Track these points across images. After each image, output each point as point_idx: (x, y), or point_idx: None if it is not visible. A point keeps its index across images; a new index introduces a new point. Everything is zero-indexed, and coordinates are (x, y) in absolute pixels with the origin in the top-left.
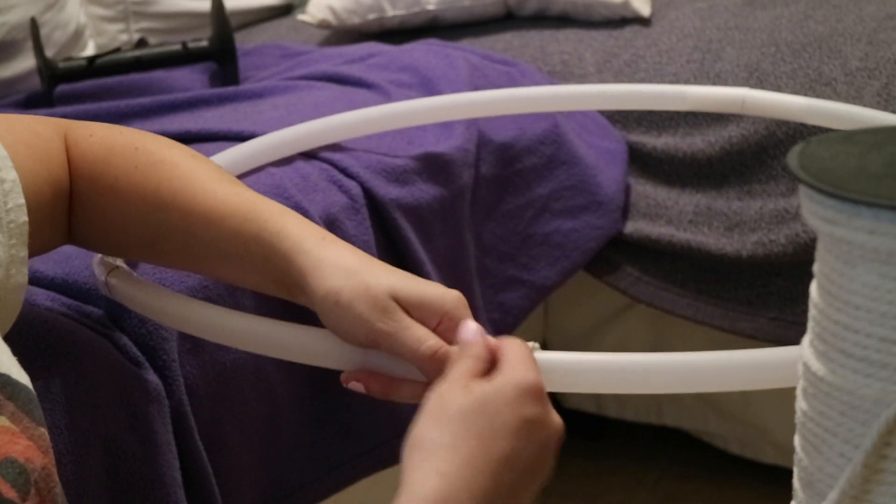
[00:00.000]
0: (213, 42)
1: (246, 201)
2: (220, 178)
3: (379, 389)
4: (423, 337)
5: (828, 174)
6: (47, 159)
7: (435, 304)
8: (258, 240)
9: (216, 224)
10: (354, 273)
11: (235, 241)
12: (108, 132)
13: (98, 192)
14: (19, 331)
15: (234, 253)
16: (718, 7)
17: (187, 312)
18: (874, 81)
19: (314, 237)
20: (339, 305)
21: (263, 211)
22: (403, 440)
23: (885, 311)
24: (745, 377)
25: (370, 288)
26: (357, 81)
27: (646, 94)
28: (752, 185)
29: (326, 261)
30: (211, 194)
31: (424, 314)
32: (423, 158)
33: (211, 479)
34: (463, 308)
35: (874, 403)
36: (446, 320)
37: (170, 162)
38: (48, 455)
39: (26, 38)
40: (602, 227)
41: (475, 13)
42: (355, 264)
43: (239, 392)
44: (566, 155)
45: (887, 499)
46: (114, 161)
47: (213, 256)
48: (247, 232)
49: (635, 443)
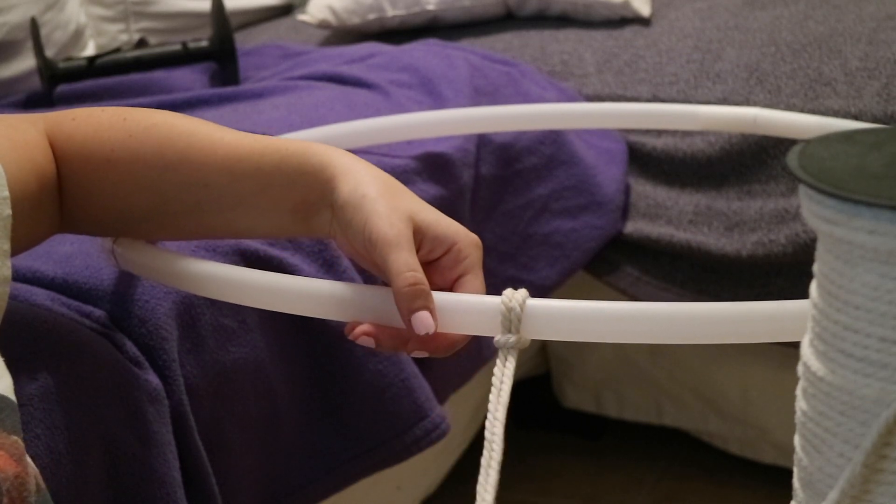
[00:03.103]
0: (213, 42)
1: (259, 139)
2: (220, 128)
3: (388, 342)
4: (411, 264)
5: (828, 174)
6: (29, 150)
7: (448, 234)
8: (281, 165)
9: (235, 167)
10: (384, 183)
11: (257, 176)
12: (91, 112)
13: (93, 168)
14: (19, 331)
15: (254, 190)
16: (718, 7)
17: (196, 272)
18: (874, 81)
19: (340, 152)
20: (364, 199)
21: (281, 141)
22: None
23: (885, 311)
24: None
25: (395, 198)
26: (357, 81)
27: (656, 113)
28: (752, 185)
29: (357, 168)
30: (220, 142)
31: (436, 241)
32: (423, 158)
33: (211, 479)
34: (473, 248)
35: (874, 403)
36: (455, 251)
37: (164, 123)
38: (21, 463)
39: (26, 38)
40: (602, 227)
41: (475, 13)
42: (385, 177)
43: (239, 392)
44: (566, 155)
45: (887, 499)
46: (104, 135)
47: (226, 204)
48: (268, 163)
49: (635, 443)
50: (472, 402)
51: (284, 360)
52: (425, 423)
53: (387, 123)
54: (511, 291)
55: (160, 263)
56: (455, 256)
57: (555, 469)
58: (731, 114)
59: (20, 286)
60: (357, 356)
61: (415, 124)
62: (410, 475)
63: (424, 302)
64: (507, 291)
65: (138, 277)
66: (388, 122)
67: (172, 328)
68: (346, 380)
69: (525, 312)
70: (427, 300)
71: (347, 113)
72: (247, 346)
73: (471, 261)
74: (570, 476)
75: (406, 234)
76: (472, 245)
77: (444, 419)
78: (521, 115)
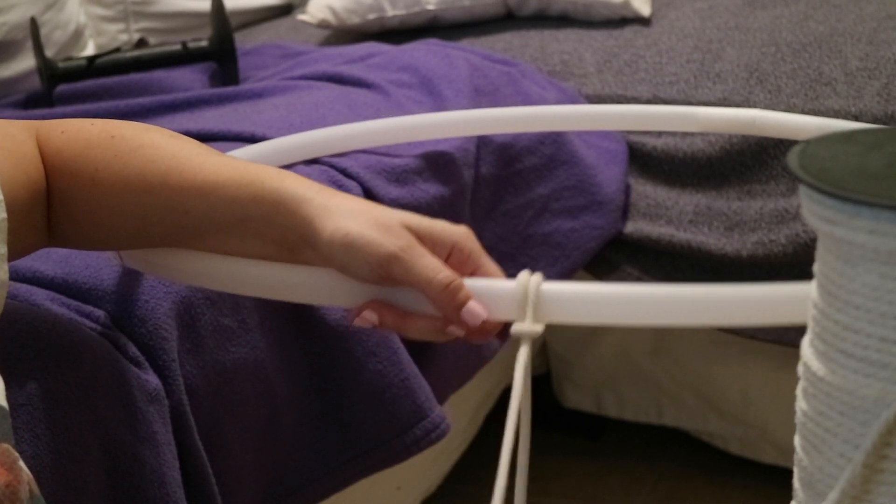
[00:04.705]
0: (213, 42)
1: (238, 168)
2: (206, 151)
3: (392, 322)
4: (437, 266)
5: (828, 174)
6: (23, 161)
7: (445, 234)
8: (258, 200)
9: (211, 194)
10: (362, 212)
11: (233, 207)
12: (81, 125)
13: (79, 187)
14: (19, 331)
15: (232, 221)
16: (718, 7)
17: (201, 266)
18: (874, 81)
19: (315, 188)
20: (349, 237)
21: (259, 173)
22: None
23: (885, 311)
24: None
25: (380, 219)
26: (357, 81)
27: (655, 114)
28: (752, 185)
29: (333, 205)
30: (199, 168)
31: (436, 245)
32: (423, 158)
33: (211, 479)
34: (471, 241)
35: (874, 403)
36: (457, 251)
37: (150, 145)
38: (13, 471)
39: (26, 38)
40: (602, 227)
41: (475, 13)
42: (362, 205)
43: (239, 392)
44: (566, 155)
45: (887, 499)
46: (91, 153)
47: (208, 230)
48: (245, 195)
49: (635, 443)
50: (472, 402)
51: (284, 360)
52: (425, 424)
53: (387, 125)
54: (527, 273)
55: (168, 259)
56: (459, 255)
57: (555, 469)
58: (731, 115)
59: (20, 286)
60: (357, 357)
61: (415, 126)
62: (410, 475)
63: (466, 294)
64: (522, 273)
65: (138, 277)
66: (388, 123)
67: (172, 328)
68: (345, 380)
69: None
70: (467, 292)
71: (347, 113)
72: (247, 346)
73: (476, 251)
74: (570, 476)
75: (412, 241)
76: (468, 238)
77: (444, 419)
78: (517, 117)
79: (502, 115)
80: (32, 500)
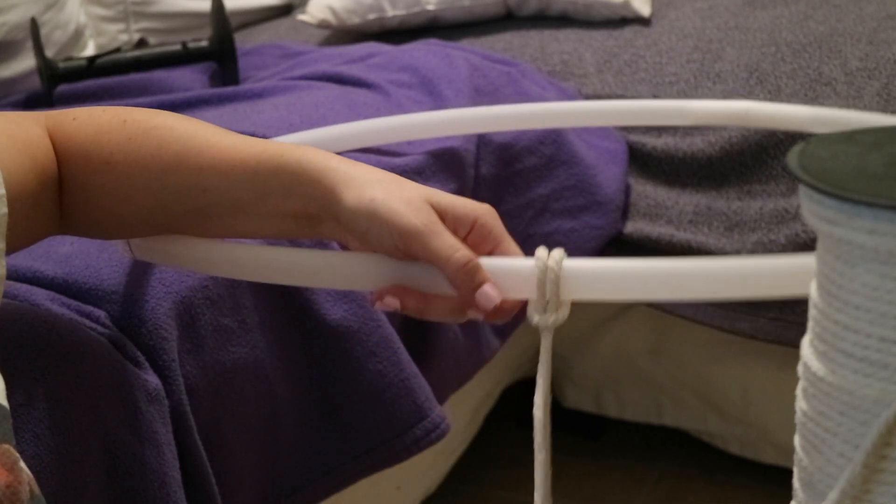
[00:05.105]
0: (213, 42)
1: (256, 144)
2: (221, 131)
3: (414, 305)
4: (456, 245)
5: (828, 174)
6: (30, 148)
7: (467, 211)
8: (278, 173)
9: (230, 172)
10: (387, 182)
11: (253, 182)
12: (92, 112)
13: (93, 171)
14: (19, 331)
15: (250, 198)
16: (718, 7)
17: (215, 254)
18: (874, 81)
19: (336, 158)
20: (374, 202)
21: (278, 147)
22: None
23: (885, 311)
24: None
25: (405, 192)
26: (357, 81)
27: (647, 109)
28: (752, 185)
29: (357, 173)
30: (217, 146)
31: (457, 222)
32: (426, 157)
33: (211, 479)
34: (493, 218)
35: (874, 403)
36: (478, 227)
37: (163, 126)
38: (13, 472)
39: (26, 38)
40: (602, 227)
41: (475, 13)
42: (386, 175)
43: (239, 392)
44: (566, 155)
45: (887, 499)
46: (104, 137)
47: (225, 210)
48: (265, 170)
49: (635, 443)
50: (472, 402)
51: (284, 361)
52: (425, 424)
53: (387, 124)
54: (544, 250)
55: (181, 248)
56: (480, 231)
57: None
58: (723, 107)
59: (20, 286)
60: (357, 356)
61: (415, 125)
62: (410, 475)
63: (483, 276)
64: (539, 250)
65: (138, 277)
66: (388, 122)
67: (172, 328)
68: (345, 380)
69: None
70: (483, 274)
71: (347, 113)
72: (247, 346)
73: (498, 230)
74: (570, 476)
75: (434, 217)
76: (490, 215)
77: (444, 419)
78: (510, 114)
79: (494, 112)
80: (33, 500)
